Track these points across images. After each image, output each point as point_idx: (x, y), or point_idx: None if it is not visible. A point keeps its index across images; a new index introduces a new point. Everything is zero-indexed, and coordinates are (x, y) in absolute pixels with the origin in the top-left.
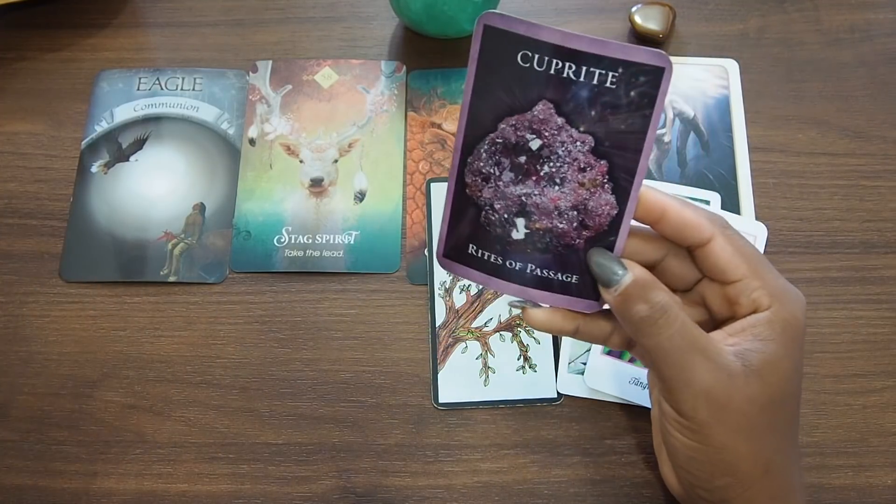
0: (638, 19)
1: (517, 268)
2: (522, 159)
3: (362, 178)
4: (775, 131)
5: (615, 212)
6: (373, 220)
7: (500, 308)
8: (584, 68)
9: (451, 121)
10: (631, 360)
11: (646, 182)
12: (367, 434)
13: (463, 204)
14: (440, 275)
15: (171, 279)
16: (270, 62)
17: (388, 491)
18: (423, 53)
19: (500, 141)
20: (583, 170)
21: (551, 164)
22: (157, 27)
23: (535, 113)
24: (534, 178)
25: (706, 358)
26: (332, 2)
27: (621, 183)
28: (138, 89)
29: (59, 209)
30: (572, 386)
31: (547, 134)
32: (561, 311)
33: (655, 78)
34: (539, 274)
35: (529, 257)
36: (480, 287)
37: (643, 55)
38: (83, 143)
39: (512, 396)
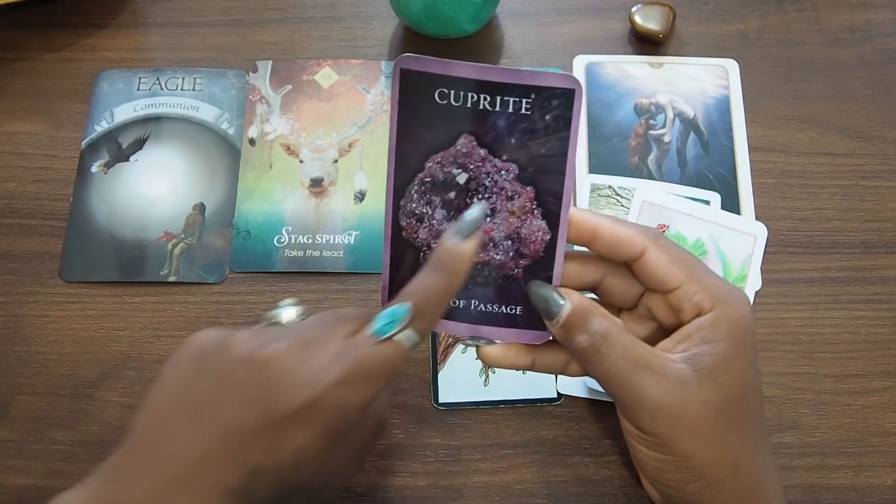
0: (638, 19)
1: (461, 306)
2: (452, 195)
3: (362, 178)
4: (775, 131)
5: (548, 237)
6: (373, 220)
7: None
8: (499, 98)
9: None
10: None
11: (579, 208)
12: None
13: (401, 248)
14: None
15: (171, 279)
16: (270, 62)
17: (388, 491)
18: (423, 53)
19: (429, 179)
20: (511, 198)
21: (480, 196)
22: (157, 27)
23: (459, 147)
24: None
25: (654, 373)
26: (332, 2)
27: (550, 207)
28: (138, 89)
29: (59, 209)
30: (572, 386)
31: (472, 167)
32: (514, 345)
33: (567, 100)
34: (484, 309)
35: (472, 294)
36: None
37: (553, 79)
38: (83, 143)
39: (512, 396)
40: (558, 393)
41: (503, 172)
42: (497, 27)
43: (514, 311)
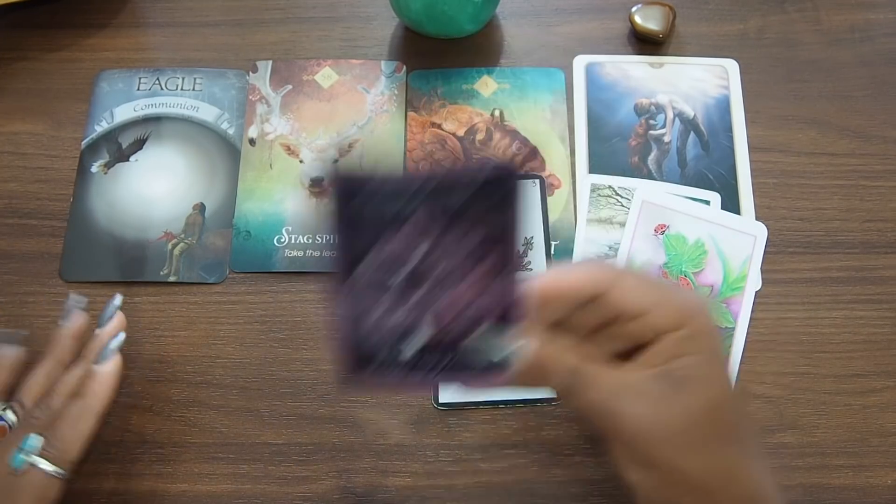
0: (638, 19)
1: (431, 365)
2: (410, 270)
3: None
4: (775, 131)
5: (506, 300)
6: None
7: None
8: (442, 195)
9: (451, 121)
10: None
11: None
12: (367, 434)
13: (361, 321)
14: None
15: (172, 279)
16: (270, 62)
17: (388, 491)
18: (423, 53)
19: (386, 258)
20: (467, 269)
21: (436, 269)
22: (157, 27)
23: (404, 235)
24: (425, 284)
25: (631, 395)
26: (332, 2)
27: (505, 274)
28: (138, 89)
29: (59, 209)
30: None
31: (422, 248)
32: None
33: (509, 183)
34: (454, 365)
35: (440, 355)
36: None
37: (491, 169)
38: (83, 143)
39: (512, 396)
40: None
41: (457, 246)
42: (497, 27)
43: (484, 362)
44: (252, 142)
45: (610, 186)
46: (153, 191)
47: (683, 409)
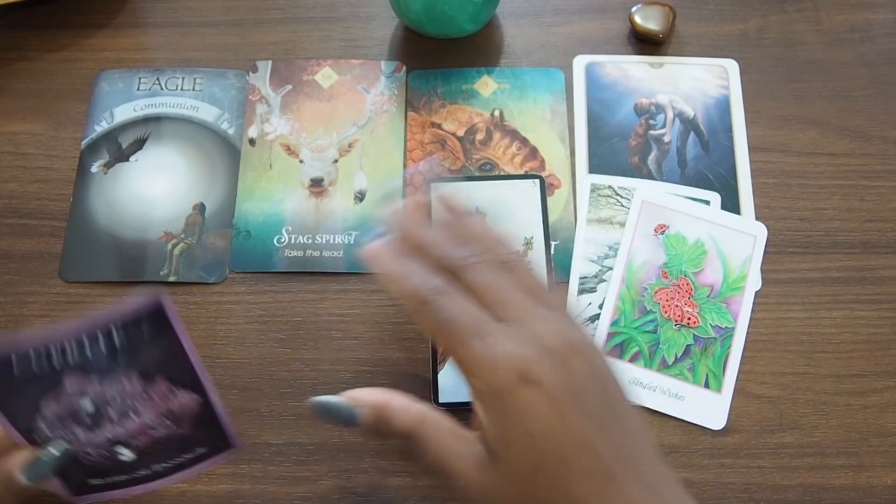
0: (638, 19)
1: (152, 470)
2: (88, 418)
3: (362, 178)
4: (775, 131)
5: (202, 400)
6: (373, 220)
7: None
8: (87, 346)
9: (451, 121)
10: (631, 361)
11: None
12: (367, 434)
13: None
14: None
15: (171, 279)
16: (270, 62)
17: (388, 491)
18: (423, 53)
19: (53, 418)
20: (148, 395)
21: (114, 407)
22: (157, 27)
23: (68, 389)
24: (108, 423)
25: (458, 459)
26: (332, 2)
27: (189, 383)
28: (138, 89)
29: (59, 209)
30: None
31: (91, 393)
32: None
33: (158, 313)
34: (171, 463)
35: (154, 459)
36: None
37: (136, 306)
38: (83, 143)
39: None
40: None
41: (125, 382)
42: (497, 27)
43: (198, 451)
44: (252, 142)
45: (610, 186)
46: (153, 191)
47: (499, 477)
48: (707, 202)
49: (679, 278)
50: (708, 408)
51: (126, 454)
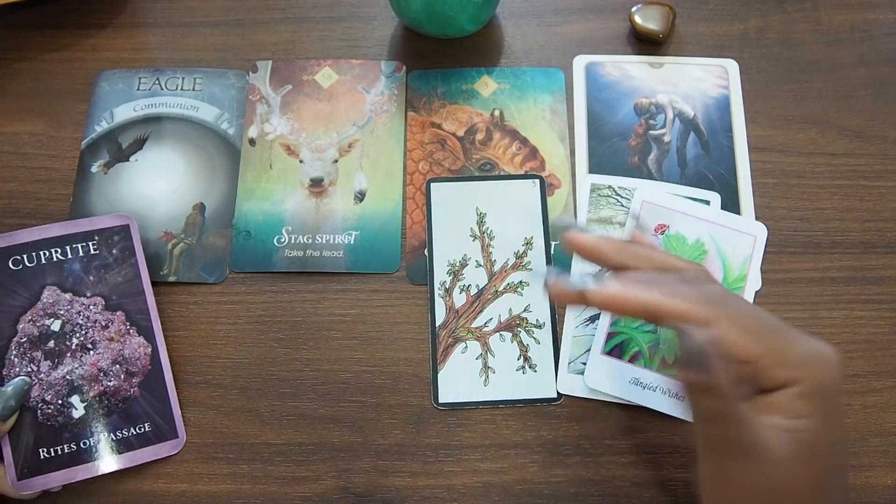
0: (638, 19)
1: (92, 444)
2: (52, 344)
3: (362, 178)
4: (775, 131)
5: (150, 349)
6: (373, 220)
7: (500, 308)
8: (68, 247)
9: (450, 121)
10: (631, 361)
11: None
12: (367, 434)
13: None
14: (440, 275)
15: (171, 279)
16: (270, 62)
17: (388, 491)
18: (423, 53)
19: (25, 339)
20: (105, 327)
21: (78, 335)
22: (157, 27)
23: (44, 300)
24: (69, 354)
25: (770, 442)
26: (332, 2)
27: (142, 324)
28: (138, 89)
29: (59, 209)
30: (572, 386)
31: (62, 312)
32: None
33: (126, 234)
34: (116, 437)
35: (99, 427)
36: (480, 287)
37: (108, 220)
38: (83, 143)
39: (512, 396)
40: (558, 393)
41: (91, 307)
42: (497, 27)
43: (143, 429)
44: (252, 142)
45: (610, 186)
46: (153, 191)
47: (798, 479)
48: (707, 202)
49: None
50: None
51: (79, 408)
